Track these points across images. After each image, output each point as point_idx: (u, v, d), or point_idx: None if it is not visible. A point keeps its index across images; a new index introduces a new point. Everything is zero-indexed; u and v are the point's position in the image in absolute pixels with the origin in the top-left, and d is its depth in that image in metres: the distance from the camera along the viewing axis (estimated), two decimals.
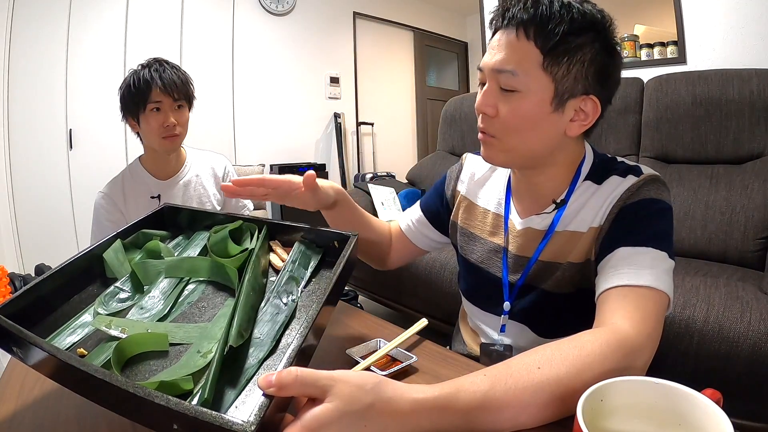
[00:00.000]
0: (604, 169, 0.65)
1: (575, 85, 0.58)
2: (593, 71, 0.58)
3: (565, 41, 0.56)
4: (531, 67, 0.57)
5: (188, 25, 3.33)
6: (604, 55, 0.58)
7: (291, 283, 0.55)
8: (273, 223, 0.65)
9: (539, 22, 0.56)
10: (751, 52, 1.81)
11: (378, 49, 4.61)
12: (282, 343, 0.47)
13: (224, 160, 1.39)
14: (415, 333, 0.65)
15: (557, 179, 0.67)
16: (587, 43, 0.57)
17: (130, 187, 1.25)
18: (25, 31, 2.66)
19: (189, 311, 0.53)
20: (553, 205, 0.67)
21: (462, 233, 0.81)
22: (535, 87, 0.57)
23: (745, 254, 1.49)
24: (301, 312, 0.52)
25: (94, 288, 0.57)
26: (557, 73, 0.57)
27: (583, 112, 0.60)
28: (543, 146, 0.62)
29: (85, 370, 0.37)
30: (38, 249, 2.70)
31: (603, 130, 1.97)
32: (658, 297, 0.52)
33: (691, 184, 1.67)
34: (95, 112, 2.92)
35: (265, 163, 3.68)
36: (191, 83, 1.23)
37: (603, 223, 0.62)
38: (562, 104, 0.59)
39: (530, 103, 0.58)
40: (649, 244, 0.56)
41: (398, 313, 1.99)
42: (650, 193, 0.60)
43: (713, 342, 1.06)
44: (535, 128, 0.60)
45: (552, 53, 0.56)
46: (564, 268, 0.65)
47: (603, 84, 0.59)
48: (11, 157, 2.67)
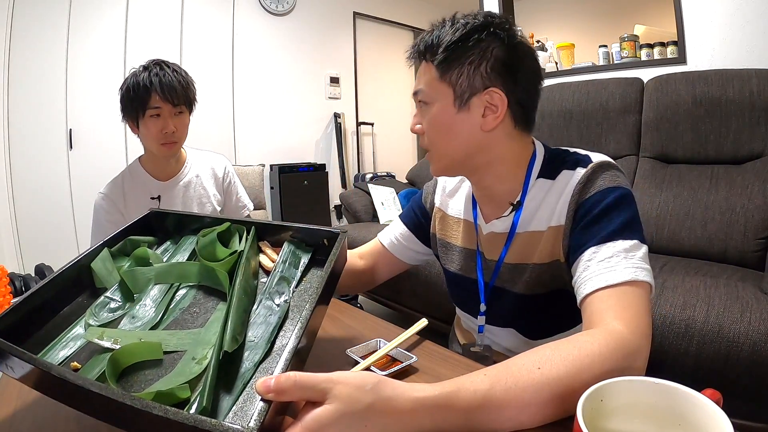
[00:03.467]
0: (555, 164, 0.66)
1: (473, 84, 0.63)
2: (490, 67, 0.62)
3: (451, 52, 0.62)
4: (431, 81, 0.65)
5: (188, 26, 3.33)
6: (502, 50, 0.63)
7: (282, 284, 0.55)
8: (261, 224, 0.65)
9: (429, 46, 0.65)
10: (751, 52, 1.81)
11: (378, 49, 4.60)
12: (277, 345, 0.47)
13: (224, 161, 1.39)
14: (415, 333, 0.65)
15: (507, 180, 0.68)
16: (475, 45, 0.62)
17: (130, 188, 1.24)
18: (25, 32, 2.66)
19: (181, 318, 0.53)
20: (510, 207, 0.68)
21: (440, 244, 0.83)
22: (438, 96, 0.65)
23: (745, 254, 1.49)
24: (294, 312, 0.52)
25: (83, 299, 0.56)
26: (452, 79, 0.63)
27: (493, 105, 0.64)
28: (467, 146, 0.66)
29: (81, 385, 0.36)
30: (38, 249, 2.70)
31: (603, 130, 1.97)
32: (641, 289, 0.52)
33: (691, 184, 1.67)
34: (95, 112, 2.92)
35: (265, 163, 3.68)
36: (192, 86, 1.20)
37: (564, 221, 0.62)
38: (465, 103, 0.64)
39: (437, 110, 0.65)
40: (616, 236, 0.56)
41: (398, 313, 1.99)
42: (604, 183, 0.60)
43: (713, 342, 1.06)
44: (450, 131, 0.65)
45: (442, 65, 0.63)
46: (531, 269, 0.66)
47: (507, 75, 0.63)
48: (11, 157, 2.67)
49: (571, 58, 2.61)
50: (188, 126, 1.22)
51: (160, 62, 1.16)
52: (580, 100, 2.03)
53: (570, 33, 3.08)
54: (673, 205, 1.65)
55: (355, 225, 2.40)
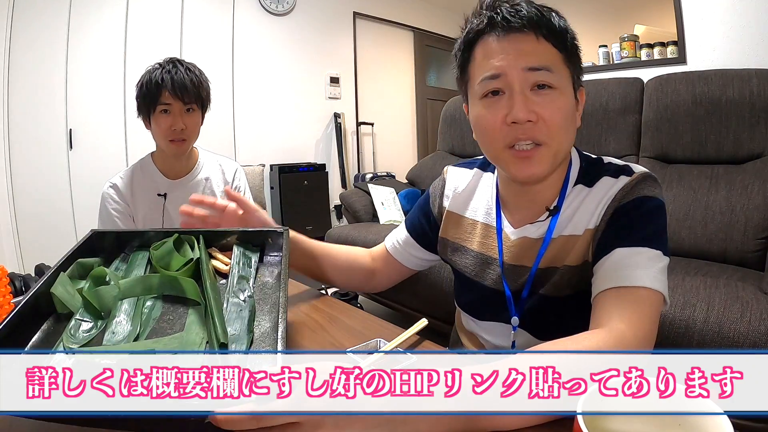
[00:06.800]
0: (594, 172, 0.65)
1: (578, 75, 0.62)
2: (579, 59, 0.62)
3: (566, 36, 0.59)
4: (558, 63, 0.58)
5: (188, 25, 3.33)
6: (578, 44, 0.61)
7: (242, 282, 0.60)
8: (207, 232, 0.69)
9: (547, 23, 0.58)
10: (751, 52, 1.81)
11: (378, 49, 4.60)
12: (257, 333, 0.51)
13: (236, 165, 1.39)
14: (415, 333, 0.65)
15: (553, 185, 0.66)
16: (568, 31, 0.60)
17: (138, 182, 1.24)
18: (25, 31, 2.66)
19: (158, 327, 0.54)
20: (547, 212, 0.66)
21: (452, 248, 0.79)
22: (565, 82, 0.59)
23: (745, 254, 1.49)
24: (260, 304, 0.57)
25: (49, 326, 0.53)
26: (574, 65, 0.60)
27: (578, 101, 0.63)
28: (572, 142, 0.64)
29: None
30: (38, 249, 2.70)
31: (603, 130, 1.97)
32: (654, 297, 0.52)
33: (691, 184, 1.67)
34: (95, 112, 2.92)
35: (265, 163, 3.68)
36: (206, 86, 1.21)
37: (599, 224, 0.62)
38: (576, 96, 0.62)
39: (567, 98, 0.59)
40: (644, 244, 0.56)
41: (398, 313, 1.99)
42: (644, 191, 0.60)
43: (713, 342, 1.06)
44: (571, 124, 0.61)
45: (566, 49, 0.59)
46: (562, 272, 0.65)
47: (581, 71, 0.63)
48: (11, 157, 2.67)
49: None
50: (199, 125, 1.22)
51: (174, 60, 1.18)
52: None
53: None
54: (673, 205, 1.66)
55: (355, 225, 2.40)
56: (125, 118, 2.95)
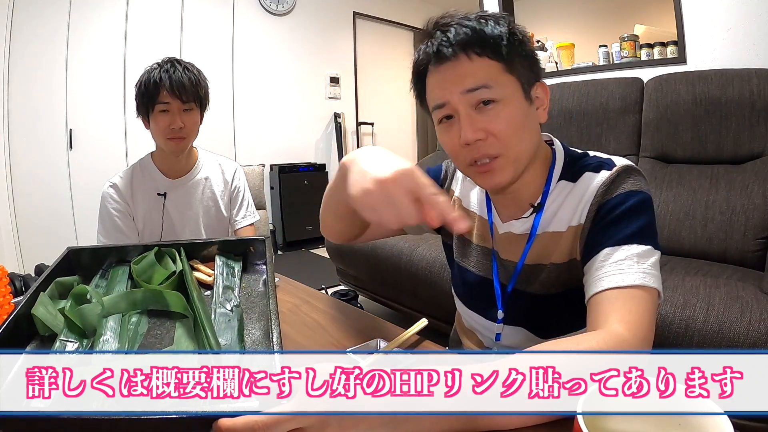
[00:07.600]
0: (577, 166, 0.65)
1: (530, 75, 0.62)
2: (529, 57, 0.62)
3: (513, 43, 0.59)
4: (497, 76, 0.59)
5: (188, 25, 3.33)
6: (525, 41, 0.62)
7: (228, 292, 0.59)
8: (187, 243, 0.68)
9: (478, 40, 0.58)
10: (751, 52, 1.81)
11: (378, 49, 4.60)
12: (248, 341, 0.50)
13: (235, 165, 1.39)
14: (415, 333, 0.65)
15: (533, 181, 0.67)
16: (507, 36, 0.59)
17: (138, 181, 1.25)
18: (25, 31, 2.66)
19: (147, 342, 0.52)
20: (531, 208, 0.67)
21: (457, 237, 0.80)
22: (509, 90, 0.60)
23: (745, 254, 1.49)
24: (248, 313, 0.56)
25: (32, 349, 0.51)
26: (517, 70, 0.60)
27: (538, 98, 0.64)
28: (535, 142, 0.64)
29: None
30: (38, 249, 2.70)
31: (603, 130, 1.97)
32: (648, 294, 0.53)
33: (691, 184, 1.67)
34: (95, 112, 2.92)
35: (265, 163, 3.68)
36: (204, 85, 1.21)
37: (584, 221, 0.62)
38: (529, 95, 0.62)
39: (514, 106, 0.60)
40: (632, 240, 0.56)
41: (398, 313, 1.99)
42: (627, 186, 0.60)
43: (713, 342, 1.06)
44: (526, 128, 0.62)
45: (508, 56, 0.59)
46: (548, 269, 0.66)
47: (536, 66, 0.63)
48: (11, 157, 2.67)
49: (571, 58, 2.61)
50: (198, 124, 1.23)
51: (173, 60, 1.19)
52: (580, 100, 2.03)
53: (570, 33, 3.08)
54: (673, 205, 1.66)
55: None
56: (125, 118, 2.96)
